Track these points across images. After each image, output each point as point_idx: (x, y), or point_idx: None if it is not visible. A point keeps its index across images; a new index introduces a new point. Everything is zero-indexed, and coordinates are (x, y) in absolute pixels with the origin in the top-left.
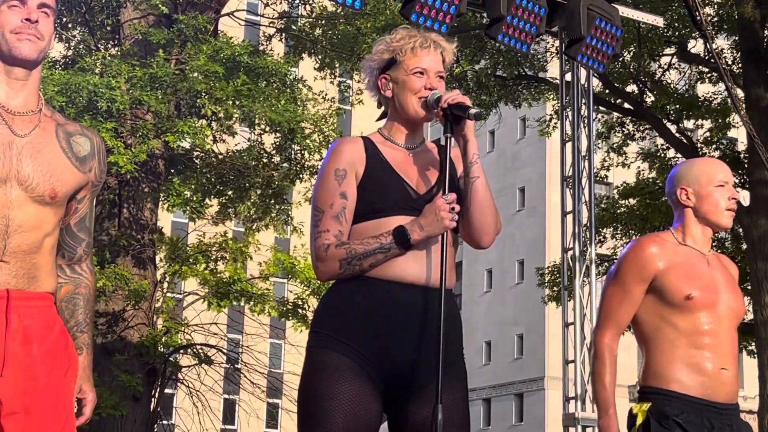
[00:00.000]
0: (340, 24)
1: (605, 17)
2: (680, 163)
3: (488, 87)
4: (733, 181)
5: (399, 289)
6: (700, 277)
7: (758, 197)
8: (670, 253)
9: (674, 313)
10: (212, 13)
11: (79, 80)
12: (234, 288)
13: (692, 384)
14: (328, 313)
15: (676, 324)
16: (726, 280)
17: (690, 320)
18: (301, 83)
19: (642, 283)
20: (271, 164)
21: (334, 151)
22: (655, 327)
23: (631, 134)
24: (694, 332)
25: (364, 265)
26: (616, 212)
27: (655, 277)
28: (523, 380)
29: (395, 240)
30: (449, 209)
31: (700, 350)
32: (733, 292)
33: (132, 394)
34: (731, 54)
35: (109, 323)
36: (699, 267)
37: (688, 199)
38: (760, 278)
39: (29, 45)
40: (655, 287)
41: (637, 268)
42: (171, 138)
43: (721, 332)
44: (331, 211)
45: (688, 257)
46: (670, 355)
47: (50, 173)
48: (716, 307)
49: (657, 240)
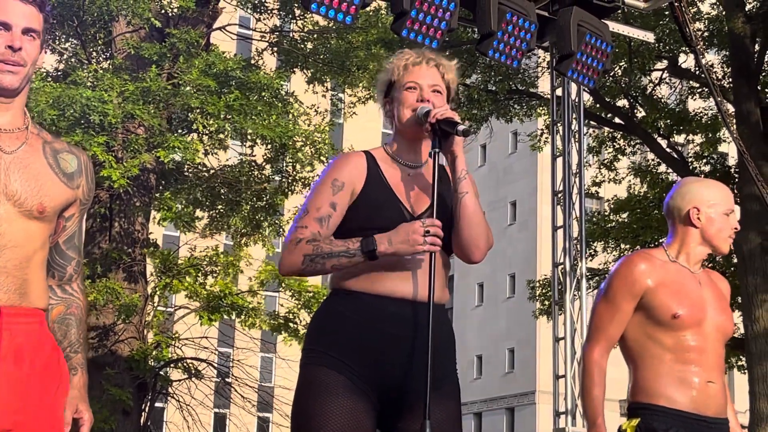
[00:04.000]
0: (332, 38)
1: (595, 33)
2: (690, 180)
3: (479, 101)
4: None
5: (390, 303)
6: (688, 295)
7: (748, 212)
8: (660, 271)
9: (661, 331)
10: (204, 28)
11: (72, 93)
12: (225, 302)
13: (680, 398)
14: (320, 330)
15: (662, 341)
16: (715, 298)
17: (676, 338)
18: (293, 98)
19: (632, 300)
20: (262, 177)
21: (338, 162)
22: (641, 344)
23: (622, 149)
24: (680, 348)
25: (327, 265)
26: (607, 226)
27: (644, 295)
28: (514, 394)
29: (361, 247)
30: (423, 233)
31: (686, 365)
32: (722, 310)
33: (122, 408)
34: (722, 69)
35: (99, 337)
36: (688, 285)
37: (698, 219)
38: (750, 293)
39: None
40: (644, 304)
41: (626, 284)
42: (162, 153)
43: (707, 348)
44: (316, 214)
45: (678, 275)
46: (656, 371)
47: (38, 188)
48: (702, 325)
49: (647, 257)
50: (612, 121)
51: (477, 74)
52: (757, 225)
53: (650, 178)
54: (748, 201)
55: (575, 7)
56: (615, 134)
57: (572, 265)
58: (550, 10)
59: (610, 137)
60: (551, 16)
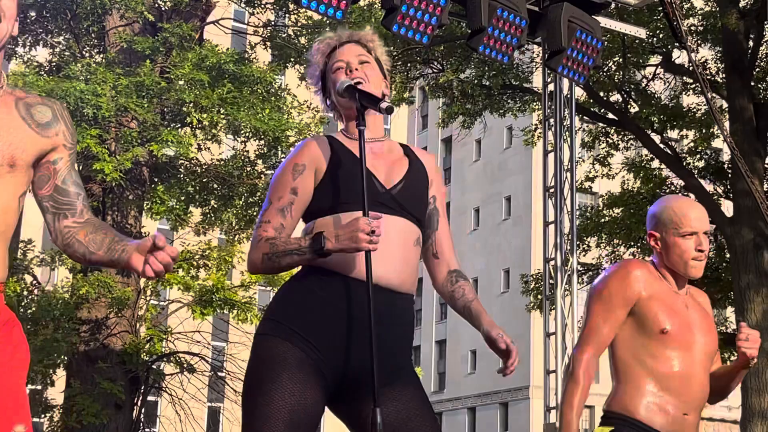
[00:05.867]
0: (325, 33)
1: (586, 29)
2: (658, 201)
3: (474, 96)
4: (706, 228)
5: (361, 287)
6: (677, 314)
7: (741, 207)
8: (654, 283)
9: (649, 347)
10: (198, 22)
11: (66, 86)
12: (217, 296)
13: (657, 420)
14: (286, 303)
15: (648, 364)
16: (701, 319)
17: (663, 359)
18: (286, 92)
19: (626, 304)
20: (254, 172)
21: (299, 147)
22: (627, 365)
23: (615, 144)
24: (664, 375)
25: (282, 263)
26: (600, 222)
27: (637, 302)
28: (508, 389)
29: (311, 245)
30: (368, 231)
31: (666, 394)
32: (708, 331)
33: (114, 402)
34: (715, 65)
35: (91, 331)
36: (677, 305)
37: (656, 244)
38: (743, 288)
39: None
40: (635, 313)
41: (622, 288)
42: (155, 147)
43: (692, 375)
44: (278, 204)
45: (667, 293)
46: (637, 393)
47: (9, 142)
48: (692, 348)
49: (643, 266)
50: (605, 117)
51: (471, 69)
52: (750, 221)
53: (644, 173)
54: (740, 197)
55: (566, 3)
56: (608, 130)
57: (564, 260)
58: (540, 6)
59: (603, 132)
60: (542, 12)
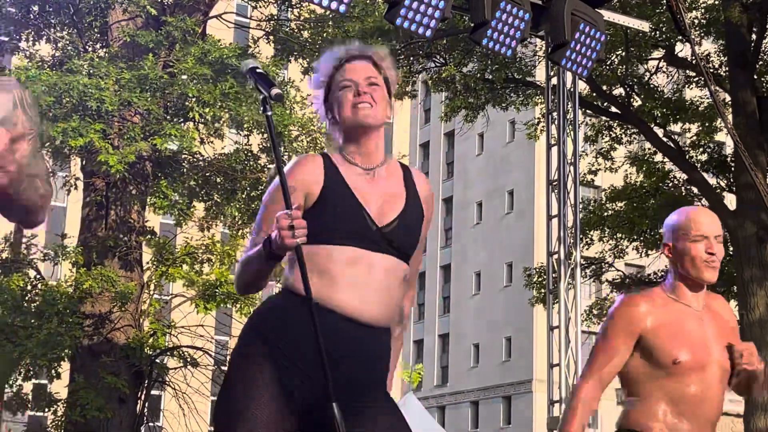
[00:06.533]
0: (328, 27)
1: (589, 22)
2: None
3: (476, 90)
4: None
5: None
6: (688, 337)
7: (744, 200)
8: (660, 311)
9: (661, 376)
10: (201, 16)
11: (69, 80)
12: (221, 290)
13: None
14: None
15: (662, 386)
16: (719, 333)
17: (677, 384)
18: (290, 85)
19: (628, 339)
20: (257, 166)
21: (292, 166)
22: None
23: (618, 138)
24: (678, 398)
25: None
26: (603, 215)
27: (642, 336)
28: (511, 383)
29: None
30: (288, 226)
31: (680, 417)
32: (725, 340)
33: (118, 396)
34: (718, 58)
35: (95, 325)
36: (688, 325)
37: (670, 254)
38: (746, 281)
39: None
40: (643, 347)
41: (623, 323)
42: (159, 141)
43: (707, 398)
44: (266, 227)
45: (679, 315)
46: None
47: None
48: (706, 369)
49: (647, 298)
50: (608, 110)
51: (474, 63)
52: (753, 214)
53: (646, 167)
54: (744, 190)
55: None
56: (611, 123)
57: (567, 253)
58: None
59: (606, 126)
60: (545, 5)
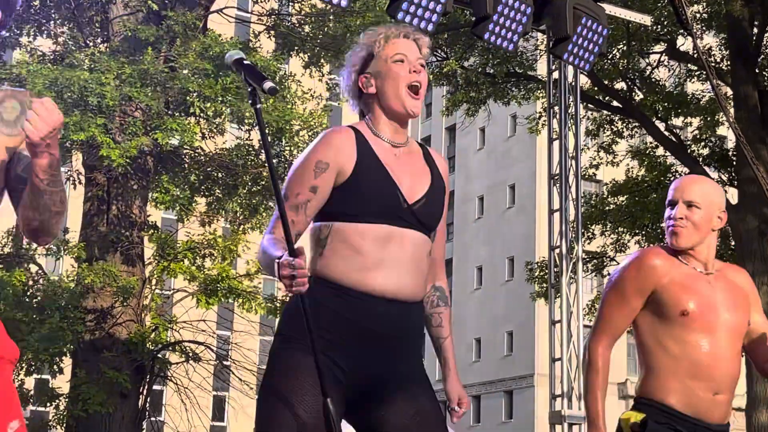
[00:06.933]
0: (329, 21)
1: (591, 16)
2: None
3: (478, 84)
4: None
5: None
6: (698, 294)
7: (746, 194)
8: (672, 268)
9: (671, 332)
10: (202, 10)
11: (70, 75)
12: (222, 285)
13: (686, 408)
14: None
15: (673, 349)
16: (728, 296)
17: (687, 343)
18: (291, 79)
19: (641, 294)
20: (259, 161)
21: (324, 140)
22: (652, 350)
23: (620, 132)
24: (691, 359)
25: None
26: (605, 209)
27: (654, 290)
28: (513, 377)
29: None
30: (289, 275)
31: (694, 378)
32: (735, 307)
33: (120, 391)
34: (720, 52)
35: (97, 320)
36: (698, 285)
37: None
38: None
39: None
40: (653, 301)
41: (638, 278)
42: (160, 135)
43: (720, 356)
44: (294, 200)
45: (688, 275)
46: (665, 379)
47: None
48: (716, 329)
49: (662, 254)
50: (610, 104)
51: (475, 57)
52: (755, 208)
53: (648, 161)
54: (745, 184)
55: None
56: (613, 117)
57: (569, 248)
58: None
59: (608, 120)
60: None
